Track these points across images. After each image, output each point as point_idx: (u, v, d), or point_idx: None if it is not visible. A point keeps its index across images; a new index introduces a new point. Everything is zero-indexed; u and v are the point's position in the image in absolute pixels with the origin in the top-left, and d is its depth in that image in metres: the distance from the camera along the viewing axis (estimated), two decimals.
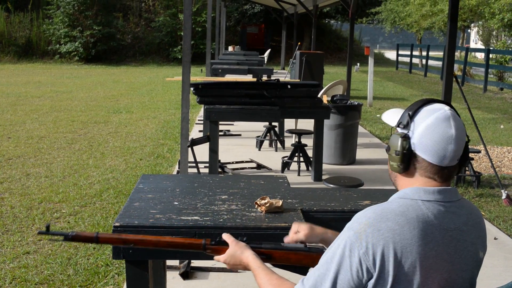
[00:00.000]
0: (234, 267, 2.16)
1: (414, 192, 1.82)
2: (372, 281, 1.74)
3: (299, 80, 13.37)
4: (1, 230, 5.58)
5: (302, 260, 2.18)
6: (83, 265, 4.77)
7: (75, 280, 4.49)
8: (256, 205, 2.83)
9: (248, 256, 2.11)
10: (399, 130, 1.89)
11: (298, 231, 2.30)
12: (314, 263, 2.14)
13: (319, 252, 2.16)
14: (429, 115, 1.83)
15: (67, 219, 5.92)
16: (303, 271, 2.21)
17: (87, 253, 5.01)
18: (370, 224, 1.75)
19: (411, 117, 1.85)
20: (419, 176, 1.85)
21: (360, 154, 9.01)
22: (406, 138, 1.84)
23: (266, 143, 9.67)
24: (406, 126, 1.85)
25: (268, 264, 2.11)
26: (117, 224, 2.61)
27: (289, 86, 7.15)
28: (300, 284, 1.84)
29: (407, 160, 1.85)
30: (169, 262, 4.47)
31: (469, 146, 1.93)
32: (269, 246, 2.19)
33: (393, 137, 1.88)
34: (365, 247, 1.72)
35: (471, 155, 8.30)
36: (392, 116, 1.98)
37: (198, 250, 2.21)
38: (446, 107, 1.86)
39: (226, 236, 2.19)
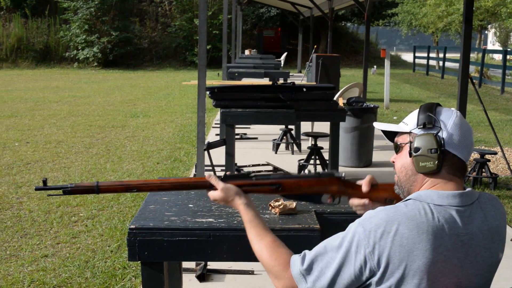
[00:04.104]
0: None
1: (427, 196, 1.82)
2: (375, 279, 1.75)
3: (314, 83, 13.37)
4: (19, 234, 5.64)
5: (313, 186, 2.17)
6: (101, 268, 4.81)
7: (92, 283, 4.54)
8: (270, 207, 2.84)
9: (239, 205, 2.13)
10: (419, 131, 1.87)
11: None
12: (326, 188, 2.16)
13: (330, 177, 2.15)
14: (450, 113, 1.88)
15: (85, 223, 5.97)
16: (317, 199, 2.20)
17: (105, 256, 5.06)
18: (381, 225, 1.75)
19: (436, 116, 1.87)
20: (446, 173, 1.85)
21: (377, 156, 9.00)
22: (438, 135, 1.84)
23: (282, 146, 9.68)
24: (433, 125, 1.85)
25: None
26: (132, 226, 2.64)
27: (304, 89, 7.15)
28: (300, 263, 1.84)
29: (443, 157, 1.84)
30: (185, 264, 4.50)
31: (486, 148, 2.00)
32: (278, 176, 2.17)
33: (422, 137, 1.85)
34: (372, 246, 1.73)
35: (488, 156, 8.25)
36: (397, 124, 2.00)
37: (203, 188, 2.23)
38: (452, 108, 1.94)
39: (213, 180, 2.20)
